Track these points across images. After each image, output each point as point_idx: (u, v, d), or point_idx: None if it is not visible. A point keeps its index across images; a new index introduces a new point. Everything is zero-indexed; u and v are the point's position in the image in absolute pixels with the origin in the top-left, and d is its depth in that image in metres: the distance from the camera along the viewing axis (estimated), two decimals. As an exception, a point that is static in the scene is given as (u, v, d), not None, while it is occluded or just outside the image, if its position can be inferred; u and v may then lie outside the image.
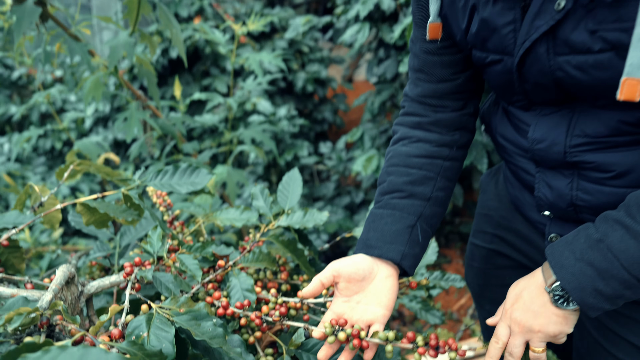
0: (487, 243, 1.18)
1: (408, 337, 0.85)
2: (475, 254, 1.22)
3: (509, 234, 1.12)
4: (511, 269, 1.14)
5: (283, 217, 1.25)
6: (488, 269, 1.18)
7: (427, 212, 0.98)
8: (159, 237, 1.14)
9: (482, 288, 1.21)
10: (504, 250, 1.14)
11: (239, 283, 1.08)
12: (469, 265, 1.25)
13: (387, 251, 0.94)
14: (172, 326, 0.79)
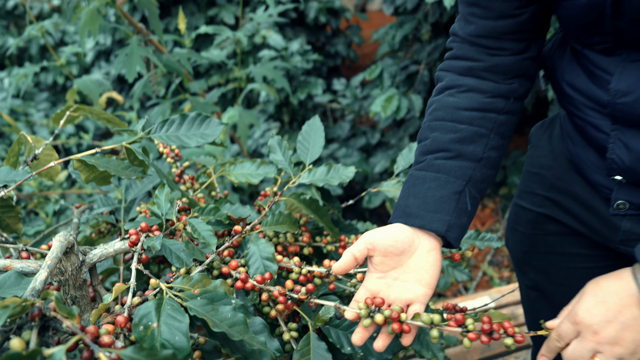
0: (536, 206, 1.04)
1: (457, 320, 0.73)
2: (520, 217, 1.09)
3: (563, 197, 0.98)
4: (562, 236, 1.01)
5: (304, 173, 1.12)
6: (535, 235, 1.06)
7: (477, 176, 0.84)
8: (167, 198, 1.01)
9: (526, 255, 1.09)
10: (556, 215, 1.00)
11: (258, 251, 0.96)
12: (512, 228, 1.12)
13: (430, 221, 0.81)
14: (185, 314, 0.68)
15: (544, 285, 1.07)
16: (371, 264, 0.83)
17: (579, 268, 1.01)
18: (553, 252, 1.03)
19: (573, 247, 1.00)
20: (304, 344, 0.87)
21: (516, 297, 2.21)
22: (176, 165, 1.29)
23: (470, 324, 0.73)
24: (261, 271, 0.93)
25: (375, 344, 0.77)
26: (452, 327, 0.74)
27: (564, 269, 1.02)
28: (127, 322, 0.70)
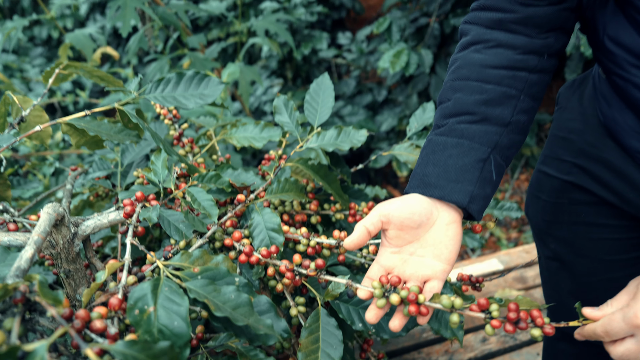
0: (562, 173, 0.96)
1: (479, 305, 0.67)
2: (544, 184, 1.01)
3: (594, 164, 0.90)
4: (590, 205, 0.94)
5: (312, 136, 1.04)
6: (559, 204, 0.98)
7: (503, 142, 0.76)
8: (164, 164, 0.94)
9: (548, 224, 1.02)
10: (584, 184, 0.93)
11: (262, 221, 0.89)
12: (535, 196, 1.05)
13: (451, 192, 0.73)
14: (184, 296, 0.62)
15: (565, 257, 1.01)
16: (385, 237, 0.76)
17: (606, 239, 0.95)
18: (578, 222, 0.96)
19: (600, 218, 0.93)
20: (313, 320, 0.82)
21: (525, 259, 2.17)
22: (174, 127, 1.21)
23: (494, 310, 0.66)
24: (266, 243, 0.87)
25: (390, 324, 0.71)
26: (475, 313, 0.68)
27: (589, 240, 0.96)
28: (122, 304, 0.64)
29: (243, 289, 0.69)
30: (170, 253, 0.77)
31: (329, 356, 0.78)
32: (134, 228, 0.80)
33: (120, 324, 0.64)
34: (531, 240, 2.69)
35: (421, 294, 0.69)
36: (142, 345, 0.49)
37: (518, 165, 3.27)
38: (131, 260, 0.73)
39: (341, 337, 0.80)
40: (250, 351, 0.68)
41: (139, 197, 0.86)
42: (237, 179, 1.03)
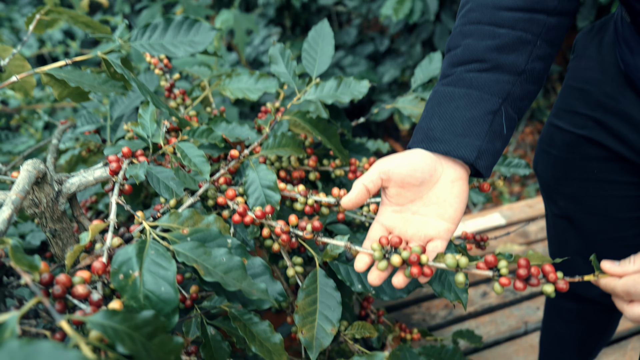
0: (576, 127, 0.91)
1: (487, 262, 0.63)
2: (556, 138, 0.96)
3: (611, 117, 0.84)
4: (603, 161, 0.89)
5: (311, 87, 0.97)
6: (571, 159, 0.93)
7: (516, 92, 0.69)
8: (152, 117, 0.89)
9: (557, 181, 0.98)
10: (599, 138, 0.87)
11: (258, 178, 0.85)
12: (545, 151, 1.00)
13: (457, 147, 0.68)
14: (172, 260, 0.58)
15: (574, 214, 0.97)
16: (386, 196, 0.71)
17: (618, 197, 0.90)
18: (590, 179, 0.92)
19: (614, 174, 0.88)
20: (310, 281, 0.79)
21: (527, 214, 2.15)
22: (165, 78, 1.14)
23: (503, 267, 0.62)
24: (262, 201, 0.83)
25: (393, 279, 0.68)
26: (482, 271, 0.64)
27: (600, 197, 0.91)
28: (106, 268, 0.60)
29: (236, 251, 0.65)
30: (159, 213, 0.72)
31: (326, 318, 0.76)
32: (120, 186, 0.76)
33: (105, 289, 0.61)
34: (534, 194, 2.66)
35: (424, 254, 0.65)
36: (122, 315, 0.46)
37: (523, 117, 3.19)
38: (117, 221, 0.69)
39: (339, 299, 0.77)
40: (244, 315, 0.65)
41: (126, 152, 0.81)
42: (231, 133, 0.97)
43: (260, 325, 0.64)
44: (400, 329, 1.11)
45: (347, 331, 0.83)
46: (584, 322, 1.14)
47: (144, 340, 0.46)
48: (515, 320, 1.65)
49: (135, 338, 0.45)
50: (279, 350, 0.63)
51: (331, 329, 0.75)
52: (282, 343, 0.64)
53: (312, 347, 0.73)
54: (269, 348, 0.63)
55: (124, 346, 0.43)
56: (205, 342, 0.77)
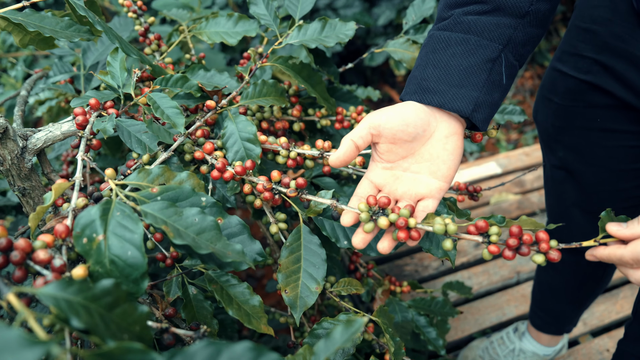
0: (580, 72, 0.84)
1: (478, 227, 0.59)
2: (558, 84, 0.90)
3: (618, 61, 0.78)
4: (608, 109, 0.83)
5: (293, 30, 0.90)
6: (574, 107, 0.88)
7: (518, 37, 0.63)
8: (122, 65, 0.82)
9: (558, 130, 0.92)
10: (605, 84, 0.81)
11: (237, 130, 0.80)
12: (546, 98, 0.94)
13: (452, 98, 0.62)
14: (139, 222, 0.54)
15: (574, 165, 0.93)
16: (376, 152, 0.67)
17: (620, 147, 0.86)
18: (592, 128, 0.87)
19: (617, 123, 0.83)
20: (294, 238, 0.76)
21: (524, 162, 2.10)
22: (140, 22, 1.06)
23: (494, 233, 0.59)
24: (241, 155, 0.78)
25: (379, 245, 0.64)
26: (472, 237, 0.60)
27: (602, 148, 0.87)
28: (70, 231, 0.56)
29: (210, 210, 0.61)
30: (129, 170, 0.68)
31: (311, 276, 0.73)
32: (88, 141, 0.71)
33: (71, 253, 0.57)
34: (532, 142, 2.61)
35: (412, 218, 0.61)
36: (78, 286, 0.42)
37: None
38: (82, 179, 0.64)
39: (324, 256, 0.74)
40: (221, 277, 0.62)
41: (93, 104, 0.75)
42: (209, 82, 0.91)
43: (238, 287, 0.61)
44: (390, 282, 1.10)
45: (333, 288, 0.80)
46: (578, 274, 1.12)
47: (103, 312, 0.42)
48: (508, 270, 1.65)
49: (93, 310, 0.42)
50: (258, 313, 0.60)
51: (316, 287, 0.72)
52: (261, 305, 0.61)
53: (295, 306, 0.71)
54: (247, 311, 0.60)
55: (79, 319, 0.40)
56: (186, 302, 0.75)
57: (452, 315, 1.13)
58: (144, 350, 0.38)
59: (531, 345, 1.34)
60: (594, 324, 1.50)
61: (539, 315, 1.31)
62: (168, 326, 0.54)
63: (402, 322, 1.04)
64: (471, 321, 1.51)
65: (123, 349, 0.37)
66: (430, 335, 1.06)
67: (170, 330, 0.54)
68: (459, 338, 1.48)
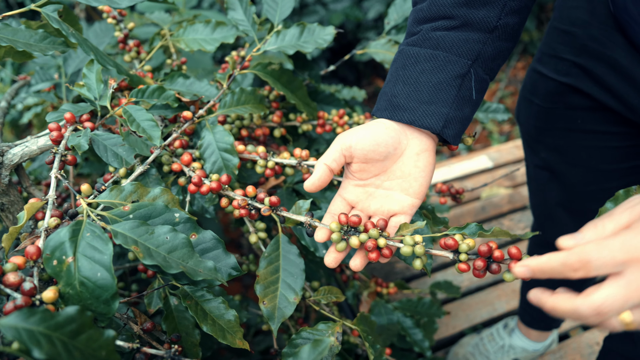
0: (560, 74, 0.84)
1: (447, 245, 0.59)
2: (539, 86, 0.89)
3: (597, 63, 0.78)
4: (588, 111, 0.83)
5: (271, 36, 0.90)
6: (554, 109, 0.88)
7: (487, 51, 0.62)
8: (98, 77, 0.82)
9: (540, 131, 0.92)
10: (584, 87, 0.81)
11: (214, 141, 0.80)
12: (527, 100, 0.94)
13: (422, 115, 0.62)
14: (108, 243, 0.54)
15: (557, 166, 0.93)
16: (349, 170, 0.67)
17: (602, 147, 0.85)
18: (573, 129, 0.86)
19: (598, 124, 0.83)
20: (272, 249, 0.76)
21: (515, 155, 2.10)
22: (119, 27, 1.05)
23: (463, 251, 0.58)
24: (219, 166, 0.78)
25: (351, 263, 0.65)
26: (442, 253, 0.60)
27: (584, 148, 0.87)
28: (41, 252, 0.56)
29: (184, 227, 0.61)
30: (103, 186, 0.67)
31: (289, 287, 0.73)
32: (62, 157, 0.70)
33: (43, 275, 0.57)
34: (524, 133, 2.61)
35: (382, 238, 0.61)
36: (40, 315, 0.42)
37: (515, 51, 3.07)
38: (56, 197, 0.64)
39: (303, 266, 0.74)
40: (196, 292, 0.62)
41: (69, 119, 0.75)
42: (189, 90, 0.91)
43: (213, 302, 0.62)
44: (377, 284, 1.10)
45: (313, 296, 0.80)
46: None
47: (66, 340, 0.43)
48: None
49: (55, 339, 0.42)
50: (233, 327, 0.60)
51: (294, 297, 0.72)
52: (237, 319, 0.61)
53: (273, 317, 0.71)
54: (222, 325, 0.60)
55: (40, 350, 0.40)
56: (167, 314, 0.75)
57: (439, 316, 1.14)
58: (105, 380, 0.38)
59: (520, 341, 1.35)
60: (584, 317, 1.51)
61: (528, 312, 1.31)
62: (139, 346, 0.54)
63: (388, 324, 1.04)
64: (462, 317, 1.51)
65: (84, 379, 0.38)
66: (416, 337, 1.06)
67: (142, 350, 0.55)
68: (450, 334, 1.49)
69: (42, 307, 0.43)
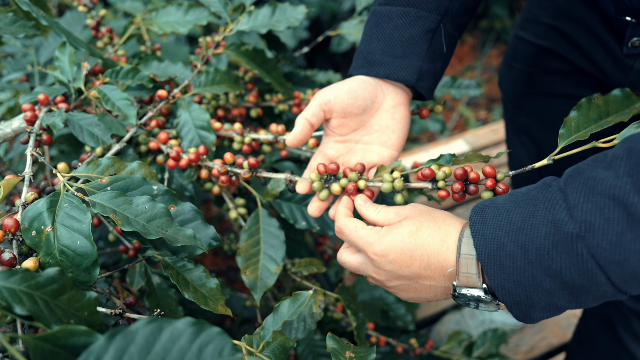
0: (538, 38, 0.87)
1: (424, 175, 0.60)
2: (519, 51, 0.93)
3: (573, 26, 0.81)
4: (565, 75, 0.86)
5: (243, 16, 0.90)
6: (533, 73, 0.91)
7: (454, 7, 0.66)
8: (71, 59, 0.82)
9: (520, 96, 0.95)
10: (561, 50, 0.84)
11: (190, 119, 0.80)
12: (509, 65, 0.97)
13: (397, 69, 0.65)
14: (87, 212, 0.55)
15: (534, 132, 0.96)
16: (328, 127, 0.69)
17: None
18: (551, 94, 0.89)
19: (575, 89, 0.86)
20: (252, 222, 0.77)
21: (491, 139, 2.14)
22: (91, 15, 1.04)
23: (440, 179, 0.60)
24: (196, 143, 0.79)
25: (331, 212, 0.67)
26: (421, 184, 0.62)
27: (561, 114, 0.90)
28: (19, 225, 0.56)
29: (162, 198, 0.62)
30: (79, 163, 0.68)
31: (270, 258, 0.74)
32: (37, 136, 0.70)
33: (22, 247, 0.57)
34: (499, 119, 2.65)
35: (361, 180, 0.63)
36: (21, 275, 0.42)
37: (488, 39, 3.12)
38: (32, 174, 0.64)
39: (283, 238, 0.76)
40: (177, 262, 0.63)
41: (42, 100, 0.75)
42: (164, 73, 0.91)
43: (195, 272, 0.62)
44: (358, 261, 1.12)
45: (295, 268, 0.82)
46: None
47: (48, 299, 0.43)
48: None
49: (36, 297, 0.42)
50: (215, 295, 0.61)
51: (275, 268, 0.74)
52: (218, 287, 0.62)
53: (256, 287, 0.72)
54: (204, 293, 0.61)
55: (22, 307, 0.40)
56: (150, 291, 0.75)
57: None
58: (88, 332, 0.39)
59: (500, 315, 1.38)
60: (561, 291, 1.55)
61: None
62: (122, 311, 0.55)
63: (371, 299, 1.06)
64: (444, 296, 1.54)
65: (66, 331, 0.38)
66: (399, 312, 1.08)
67: (124, 315, 0.55)
68: (433, 313, 1.52)
69: (23, 268, 0.43)
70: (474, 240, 0.48)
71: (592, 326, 0.98)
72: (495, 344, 1.03)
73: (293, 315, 0.48)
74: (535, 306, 0.46)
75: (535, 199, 0.46)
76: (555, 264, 0.42)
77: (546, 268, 0.43)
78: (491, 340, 1.03)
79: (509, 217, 0.46)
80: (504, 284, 0.46)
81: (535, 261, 0.44)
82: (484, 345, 1.03)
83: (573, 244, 0.41)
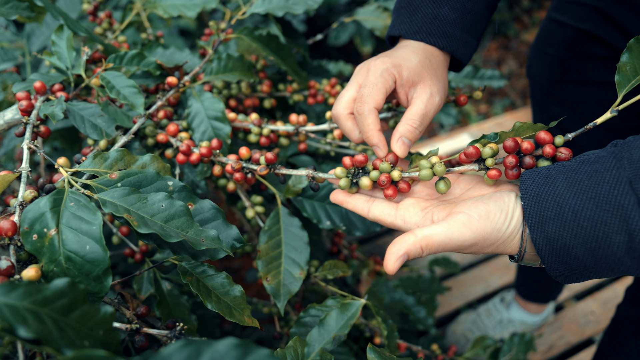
0: (578, 20, 0.81)
1: (468, 154, 0.52)
2: (554, 35, 0.86)
3: (619, 6, 0.75)
4: (605, 61, 0.80)
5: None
6: (569, 59, 0.84)
7: None
8: (69, 44, 0.74)
9: (552, 84, 0.89)
10: (603, 34, 0.78)
11: (202, 109, 0.73)
12: (541, 51, 0.90)
13: (463, 45, 0.62)
14: (97, 212, 0.48)
15: (566, 123, 0.90)
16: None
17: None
18: (588, 82, 0.83)
19: (614, 76, 0.80)
20: (273, 222, 0.70)
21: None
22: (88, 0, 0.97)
23: (488, 156, 0.52)
24: (209, 135, 0.72)
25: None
26: (467, 167, 0.53)
27: (599, 103, 0.83)
28: (18, 227, 0.49)
29: (179, 195, 0.55)
30: (83, 157, 0.60)
31: (293, 262, 0.67)
32: (34, 128, 0.63)
33: (21, 253, 0.50)
34: (501, 112, 2.61)
35: (395, 171, 0.54)
36: (24, 289, 0.35)
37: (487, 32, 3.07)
38: (29, 169, 0.56)
39: (307, 239, 0.69)
40: (196, 267, 0.56)
41: (39, 88, 0.67)
42: (169, 60, 0.84)
43: (217, 278, 0.55)
44: (375, 263, 1.06)
45: (318, 272, 0.75)
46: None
47: (57, 317, 0.36)
48: (489, 240, 1.63)
49: (44, 315, 0.35)
50: (240, 304, 0.54)
51: (299, 272, 0.67)
52: (243, 295, 0.55)
53: (279, 294, 0.65)
54: (228, 302, 0.54)
55: (27, 328, 0.33)
56: (160, 299, 0.68)
57: (441, 292, 1.10)
58: (108, 357, 0.32)
59: (519, 314, 1.33)
60: (577, 287, 1.50)
61: (526, 285, 1.29)
62: (139, 326, 0.48)
63: (390, 302, 1.00)
64: (457, 295, 1.49)
65: (82, 357, 0.31)
66: (419, 315, 1.02)
67: (142, 331, 0.48)
68: (446, 313, 1.46)
69: (25, 280, 0.36)
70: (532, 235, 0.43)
71: (627, 331, 0.93)
72: (523, 350, 0.97)
73: (344, 329, 0.41)
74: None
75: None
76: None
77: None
78: (518, 347, 0.97)
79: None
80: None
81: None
82: (510, 352, 0.97)
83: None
